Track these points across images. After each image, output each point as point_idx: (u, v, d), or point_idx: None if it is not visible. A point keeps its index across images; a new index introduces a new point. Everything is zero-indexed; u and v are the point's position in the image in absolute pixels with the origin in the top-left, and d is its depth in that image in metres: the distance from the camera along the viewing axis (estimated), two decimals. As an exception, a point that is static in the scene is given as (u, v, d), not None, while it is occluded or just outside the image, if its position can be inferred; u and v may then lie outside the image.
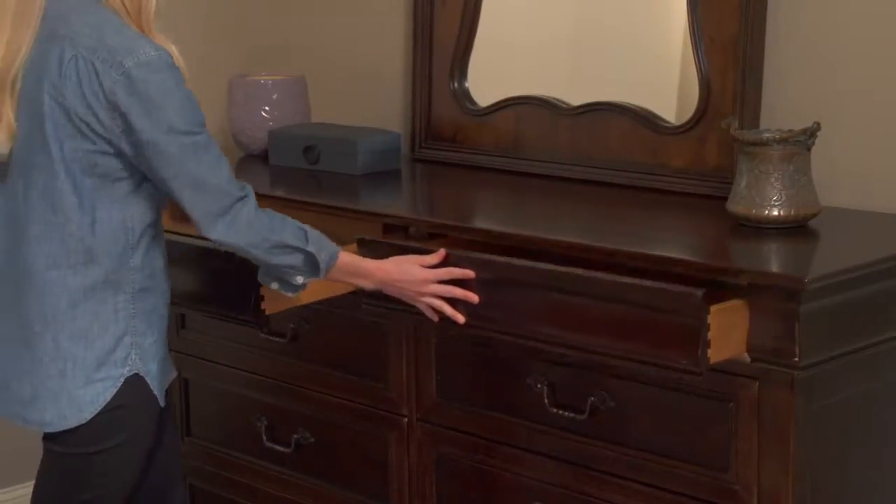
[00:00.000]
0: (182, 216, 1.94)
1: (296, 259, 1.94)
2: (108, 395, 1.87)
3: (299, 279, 1.97)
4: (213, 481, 2.69)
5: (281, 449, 2.50)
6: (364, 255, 2.07)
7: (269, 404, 2.53)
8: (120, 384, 1.88)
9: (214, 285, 2.18)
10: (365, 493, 2.39)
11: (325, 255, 1.96)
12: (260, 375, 2.54)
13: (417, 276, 1.99)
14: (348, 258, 2.01)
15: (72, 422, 1.87)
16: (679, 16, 2.37)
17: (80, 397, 1.87)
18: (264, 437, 2.53)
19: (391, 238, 2.22)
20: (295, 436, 2.48)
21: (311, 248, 1.94)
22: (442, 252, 1.99)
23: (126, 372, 1.89)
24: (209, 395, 2.68)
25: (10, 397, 1.92)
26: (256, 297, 2.08)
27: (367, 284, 2.03)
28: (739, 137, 2.05)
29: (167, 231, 2.03)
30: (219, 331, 2.58)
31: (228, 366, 2.60)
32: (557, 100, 2.54)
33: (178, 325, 2.69)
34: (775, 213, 2.01)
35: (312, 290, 2.16)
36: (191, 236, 2.11)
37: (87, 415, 1.87)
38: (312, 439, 2.46)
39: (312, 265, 1.95)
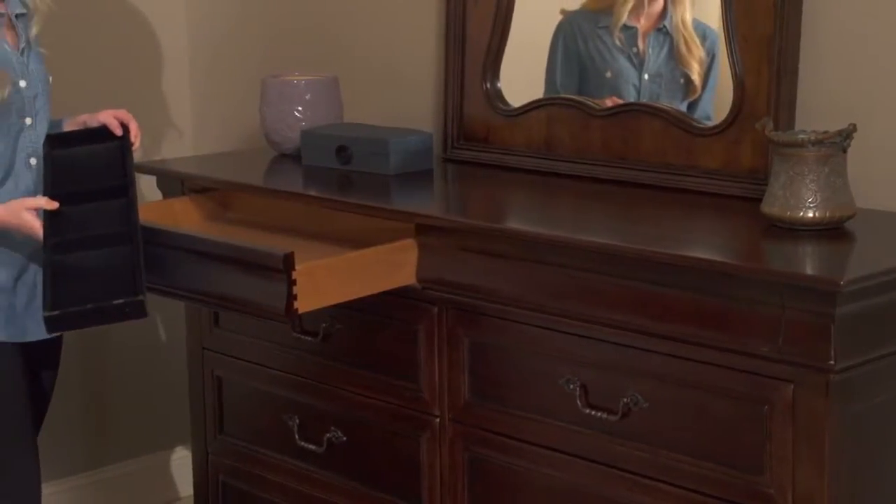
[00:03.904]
0: None
1: None
2: None
3: None
4: (244, 479, 2.70)
5: (312, 448, 2.51)
6: (423, 243, 2.16)
7: (301, 403, 2.54)
8: None
9: (246, 283, 2.19)
10: (396, 494, 2.40)
11: None
12: (292, 374, 2.55)
13: (25, 220, 2.20)
14: None
15: None
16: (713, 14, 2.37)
17: None
18: (296, 436, 2.53)
19: (425, 238, 2.22)
20: (327, 435, 2.48)
21: None
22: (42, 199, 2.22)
23: None
24: (242, 394, 2.69)
25: None
26: (289, 296, 2.09)
27: None
28: (774, 139, 2.04)
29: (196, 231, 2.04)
30: (251, 329, 2.59)
31: (261, 364, 2.61)
32: (589, 100, 2.54)
33: (211, 323, 2.71)
34: (810, 214, 2.00)
35: (345, 290, 2.18)
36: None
37: None
38: (344, 438, 2.47)
39: None
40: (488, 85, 2.68)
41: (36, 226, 2.20)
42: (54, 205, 2.22)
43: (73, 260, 2.16)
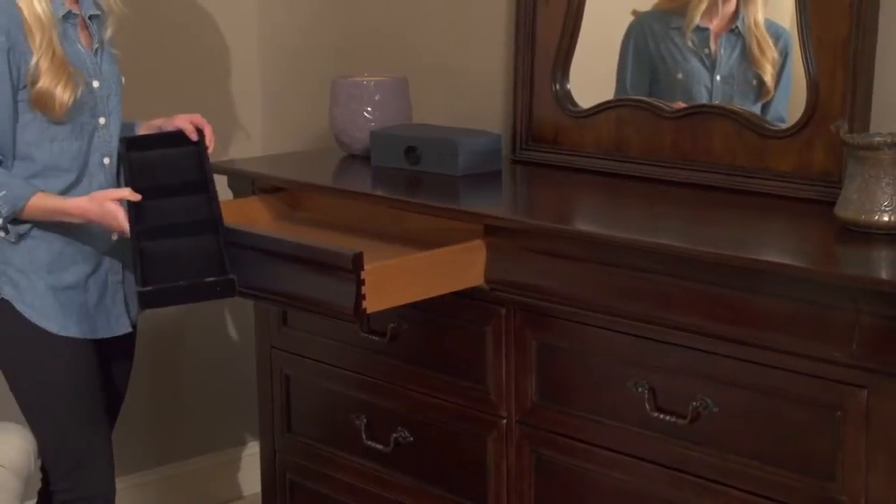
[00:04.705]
0: None
1: None
2: None
3: None
4: (312, 477, 2.72)
5: (379, 447, 2.52)
6: (491, 244, 2.17)
7: (369, 403, 2.55)
8: None
9: (315, 283, 2.20)
10: (462, 494, 2.40)
11: (6, 195, 2.21)
12: (359, 374, 2.56)
13: (109, 209, 2.24)
14: (41, 200, 2.24)
15: None
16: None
17: None
18: (363, 436, 2.55)
19: (493, 239, 2.22)
20: (394, 435, 2.49)
21: None
22: (126, 190, 2.27)
23: None
24: (310, 393, 2.71)
25: None
26: (358, 296, 2.10)
27: (75, 220, 2.27)
28: (849, 141, 2.01)
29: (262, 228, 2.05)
30: (320, 329, 2.61)
31: (329, 364, 2.63)
32: (660, 101, 2.52)
33: (280, 322, 2.73)
34: (885, 218, 1.97)
35: (413, 290, 2.18)
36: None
37: None
38: (411, 439, 2.47)
39: None
40: (558, 86, 2.68)
41: (120, 214, 2.24)
42: (137, 196, 2.26)
43: (160, 245, 2.21)
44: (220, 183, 2.92)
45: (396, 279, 2.16)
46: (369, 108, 2.80)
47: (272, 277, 2.23)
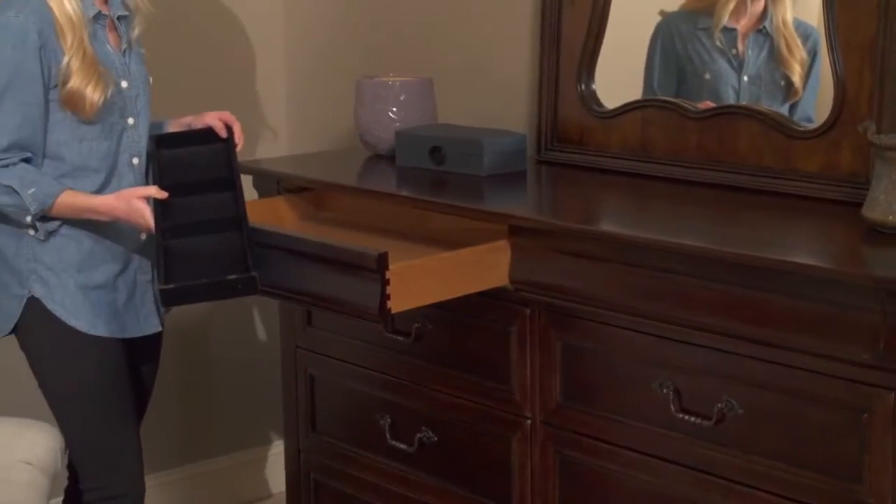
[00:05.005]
0: None
1: (12, 199, 2.22)
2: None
3: (27, 218, 2.25)
4: (336, 477, 2.72)
5: (404, 447, 2.52)
6: (516, 244, 2.17)
7: (393, 403, 2.55)
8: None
9: (339, 282, 2.20)
10: (487, 495, 2.40)
11: (36, 192, 2.22)
12: (384, 374, 2.56)
13: (136, 207, 2.26)
14: (70, 198, 2.26)
15: None
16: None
17: None
18: (387, 436, 2.55)
19: (517, 240, 2.22)
20: (418, 435, 2.49)
21: (16, 187, 2.20)
22: (153, 188, 2.28)
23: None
24: (334, 392, 2.72)
25: None
26: (382, 296, 2.10)
27: (102, 218, 2.29)
28: (877, 142, 2.00)
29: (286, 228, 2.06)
30: (344, 328, 2.61)
31: (353, 363, 2.63)
32: (686, 102, 2.51)
33: (304, 322, 2.73)
34: (913, 219, 1.96)
35: (437, 290, 2.18)
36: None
37: None
38: (435, 439, 2.48)
39: (23, 204, 2.22)
40: (583, 86, 2.67)
41: (147, 212, 2.25)
42: (164, 194, 2.27)
43: (184, 243, 2.22)
44: (246, 183, 2.91)
45: (421, 279, 2.16)
46: (394, 109, 2.81)
47: (297, 277, 2.24)
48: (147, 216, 2.25)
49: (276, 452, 3.39)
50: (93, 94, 2.26)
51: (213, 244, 2.22)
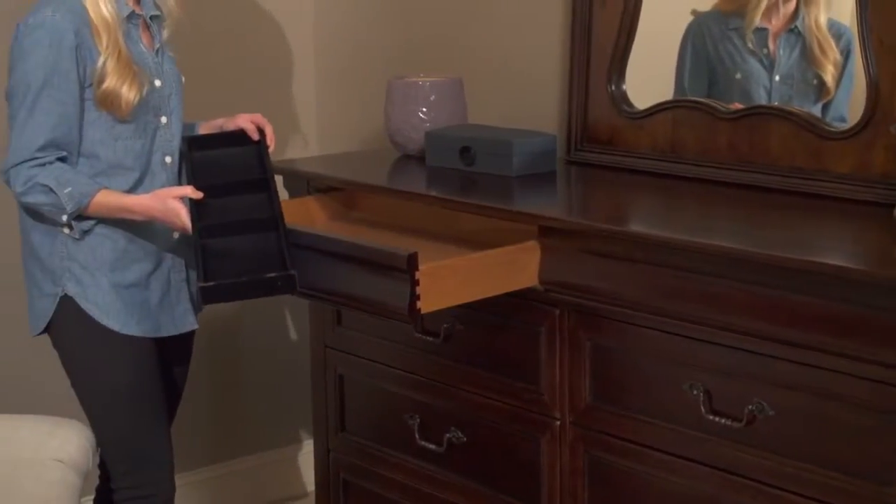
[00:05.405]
0: None
1: (49, 198, 2.24)
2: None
3: (63, 217, 2.27)
4: (365, 477, 2.73)
5: (432, 447, 2.52)
6: (546, 245, 2.18)
7: (422, 403, 2.55)
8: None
9: (369, 282, 2.21)
10: (516, 495, 2.40)
11: (72, 192, 2.24)
12: (413, 374, 2.57)
13: (172, 207, 2.26)
14: (105, 197, 2.27)
15: None
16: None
17: None
18: (416, 436, 2.55)
19: (547, 240, 2.22)
20: (447, 435, 2.50)
21: (53, 186, 2.23)
22: (188, 188, 2.30)
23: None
24: (363, 392, 2.72)
25: None
26: (412, 296, 2.10)
27: (138, 217, 2.31)
28: (909, 142, 1.99)
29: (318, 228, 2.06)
30: (373, 328, 2.62)
31: (382, 363, 2.64)
32: (717, 102, 2.50)
33: (334, 322, 2.74)
34: (946, 220, 1.94)
35: (467, 290, 2.18)
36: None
37: None
38: (464, 439, 2.48)
39: (59, 203, 2.24)
40: (613, 87, 2.67)
41: (183, 212, 2.26)
42: (199, 194, 2.28)
43: (222, 242, 2.24)
44: (277, 182, 2.95)
45: (451, 279, 2.16)
46: (424, 109, 2.81)
47: (327, 277, 2.24)
48: (183, 216, 2.26)
49: (306, 452, 3.40)
50: (128, 94, 2.28)
51: (250, 244, 2.23)
